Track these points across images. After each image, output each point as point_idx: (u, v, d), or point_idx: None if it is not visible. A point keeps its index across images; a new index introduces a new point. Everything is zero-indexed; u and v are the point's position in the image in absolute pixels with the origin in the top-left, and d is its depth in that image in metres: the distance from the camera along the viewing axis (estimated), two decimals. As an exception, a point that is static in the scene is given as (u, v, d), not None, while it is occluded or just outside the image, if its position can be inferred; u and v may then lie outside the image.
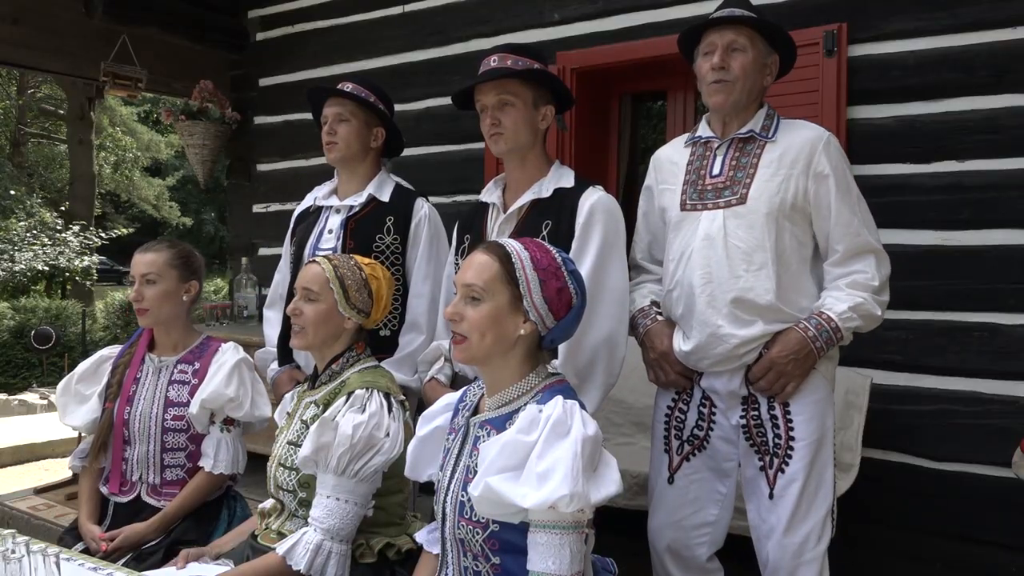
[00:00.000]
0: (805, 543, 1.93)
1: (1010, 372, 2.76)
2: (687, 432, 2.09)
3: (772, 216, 1.93)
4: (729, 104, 1.99)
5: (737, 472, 2.07)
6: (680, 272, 2.04)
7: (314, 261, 1.96)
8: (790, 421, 1.94)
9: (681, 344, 2.05)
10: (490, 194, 2.17)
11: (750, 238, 1.94)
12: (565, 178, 2.07)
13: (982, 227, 2.80)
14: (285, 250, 2.87)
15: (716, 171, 2.03)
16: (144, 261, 2.23)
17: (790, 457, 1.94)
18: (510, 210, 2.08)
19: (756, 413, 1.98)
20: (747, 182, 1.97)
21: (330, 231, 2.39)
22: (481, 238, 2.09)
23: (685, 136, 2.18)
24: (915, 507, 2.91)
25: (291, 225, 2.62)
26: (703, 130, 2.10)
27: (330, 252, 2.31)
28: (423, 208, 2.41)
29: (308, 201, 2.99)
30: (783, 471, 1.94)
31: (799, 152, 1.94)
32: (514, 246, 1.54)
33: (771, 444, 1.96)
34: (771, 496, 1.96)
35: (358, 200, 2.39)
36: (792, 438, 1.94)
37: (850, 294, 1.91)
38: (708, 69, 1.99)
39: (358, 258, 1.99)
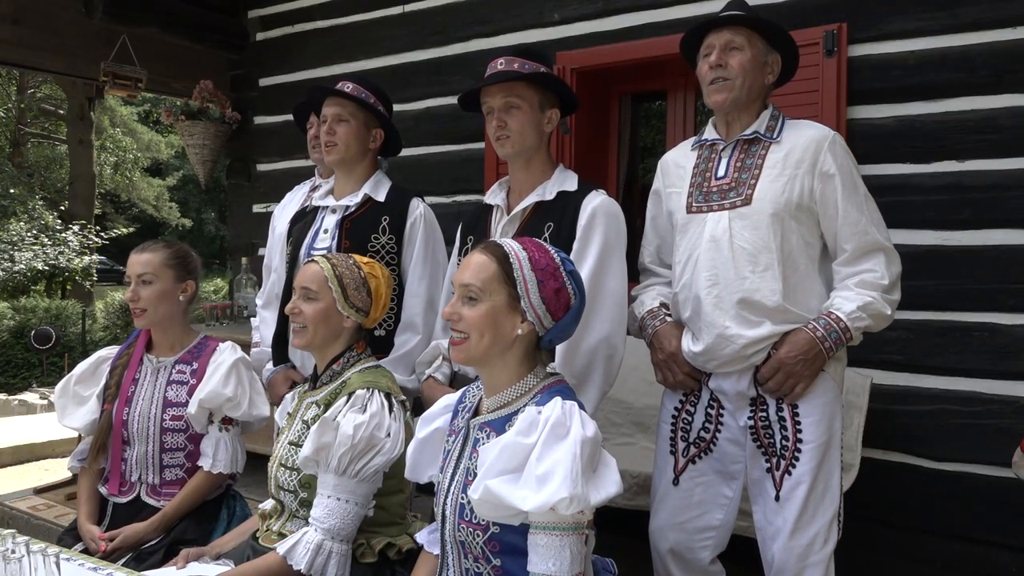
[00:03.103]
0: (811, 545, 1.92)
1: (1010, 372, 2.76)
2: (694, 434, 2.08)
3: (778, 216, 1.93)
4: (730, 102, 1.99)
5: (743, 474, 2.06)
6: (687, 275, 2.04)
7: (312, 260, 1.95)
8: (798, 423, 1.94)
9: (690, 345, 2.04)
10: (494, 196, 2.18)
11: (755, 239, 1.94)
12: (568, 181, 2.08)
13: (982, 227, 2.80)
14: (270, 249, 2.90)
15: (721, 173, 2.03)
16: (140, 261, 2.23)
17: (797, 459, 1.93)
18: (514, 212, 2.08)
19: (764, 414, 1.97)
20: (752, 183, 1.97)
21: (325, 231, 2.39)
22: (484, 239, 2.08)
23: (692, 140, 2.19)
24: (915, 507, 2.91)
25: (287, 225, 2.63)
26: (709, 133, 2.11)
27: (325, 252, 2.31)
28: (418, 208, 2.42)
29: (289, 199, 3.03)
30: (790, 473, 1.93)
31: (804, 152, 1.94)
32: (512, 246, 1.54)
33: (778, 446, 1.95)
34: (777, 498, 1.96)
35: (354, 200, 2.39)
36: (800, 440, 1.93)
37: (859, 293, 1.90)
38: (707, 69, 2.00)
39: (357, 257, 1.99)
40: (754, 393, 1.98)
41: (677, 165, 2.17)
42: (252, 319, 3.16)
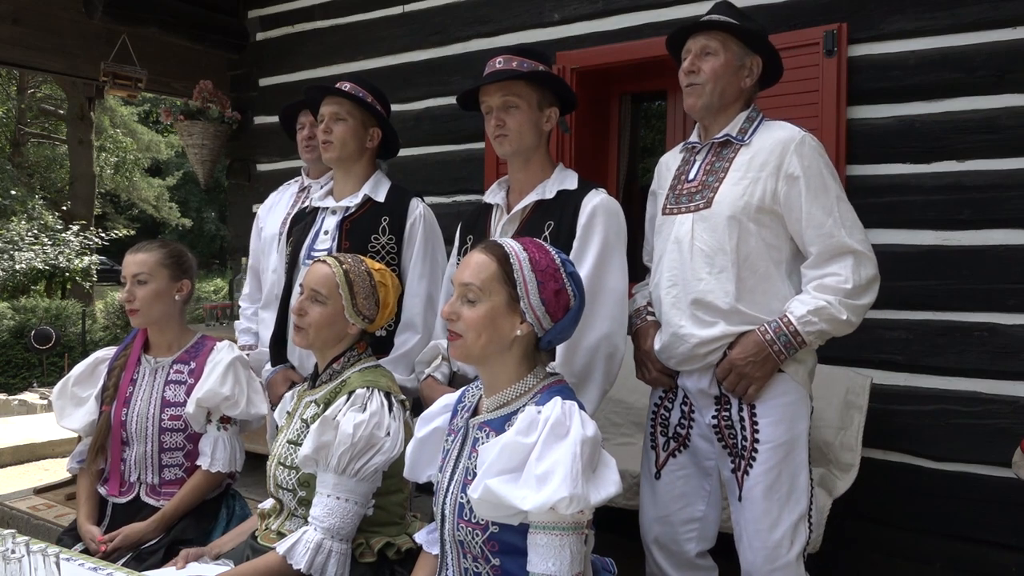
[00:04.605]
0: (777, 548, 1.91)
1: (1010, 372, 2.76)
2: (672, 429, 2.11)
3: (735, 219, 1.93)
4: (700, 107, 2.01)
5: (716, 471, 2.08)
6: (657, 275, 2.09)
7: (324, 262, 1.93)
8: (756, 423, 1.94)
9: (656, 343, 2.08)
10: (494, 195, 2.18)
11: (713, 241, 1.95)
12: (568, 180, 2.08)
13: (982, 227, 2.80)
14: (256, 251, 2.89)
15: (692, 176, 2.06)
16: (135, 261, 2.23)
17: (755, 459, 1.93)
18: (513, 211, 2.08)
19: (727, 414, 1.99)
20: (716, 186, 1.98)
21: (326, 232, 2.39)
22: (484, 239, 2.08)
23: (684, 142, 2.21)
24: (915, 507, 2.91)
25: (282, 226, 2.63)
26: (693, 135, 2.14)
27: (325, 253, 2.31)
28: (418, 208, 2.42)
29: (275, 200, 3.03)
30: (748, 473, 1.94)
31: (770, 154, 1.93)
32: (513, 246, 1.53)
33: (739, 446, 1.97)
34: (740, 499, 1.97)
35: (354, 201, 2.39)
36: (757, 440, 1.93)
37: (815, 297, 1.89)
38: (682, 75, 2.03)
39: (368, 262, 1.98)
40: (717, 392, 2.00)
41: (666, 167, 2.20)
42: (236, 322, 3.12)
